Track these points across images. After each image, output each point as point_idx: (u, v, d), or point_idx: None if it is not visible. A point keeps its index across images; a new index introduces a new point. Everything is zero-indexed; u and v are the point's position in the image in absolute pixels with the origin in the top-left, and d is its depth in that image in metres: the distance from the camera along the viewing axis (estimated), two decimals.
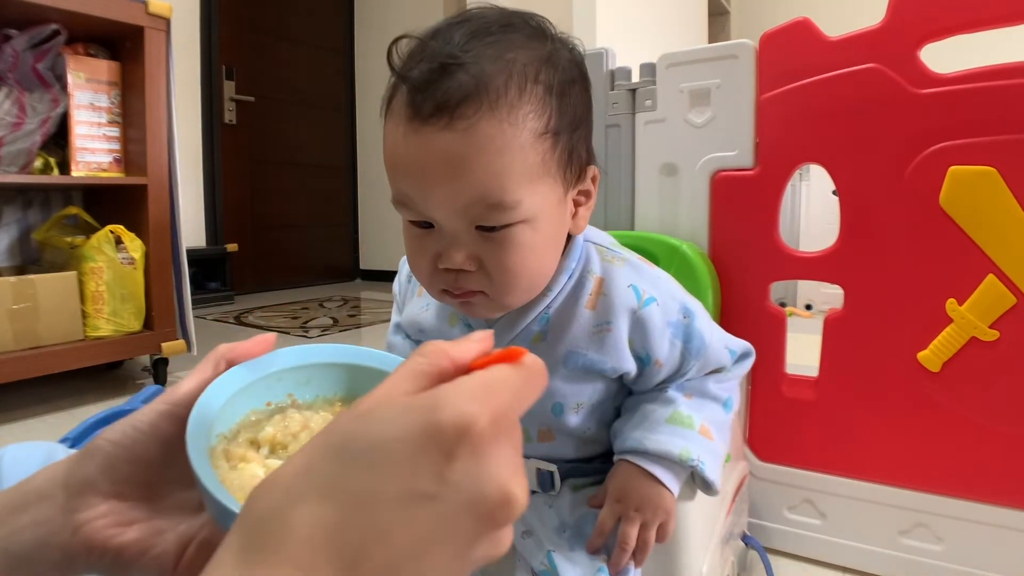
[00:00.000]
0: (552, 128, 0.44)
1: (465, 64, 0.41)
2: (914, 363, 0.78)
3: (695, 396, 0.56)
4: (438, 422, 0.20)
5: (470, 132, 0.41)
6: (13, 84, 1.47)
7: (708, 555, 0.61)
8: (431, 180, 0.42)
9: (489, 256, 0.45)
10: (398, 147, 0.44)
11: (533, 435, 0.58)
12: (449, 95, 0.41)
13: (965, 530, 0.77)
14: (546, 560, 0.52)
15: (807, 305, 2.34)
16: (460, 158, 0.41)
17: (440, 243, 0.45)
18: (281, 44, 3.60)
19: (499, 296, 0.47)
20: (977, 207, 0.73)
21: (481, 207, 0.43)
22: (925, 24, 0.74)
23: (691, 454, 0.52)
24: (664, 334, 0.53)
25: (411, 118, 0.42)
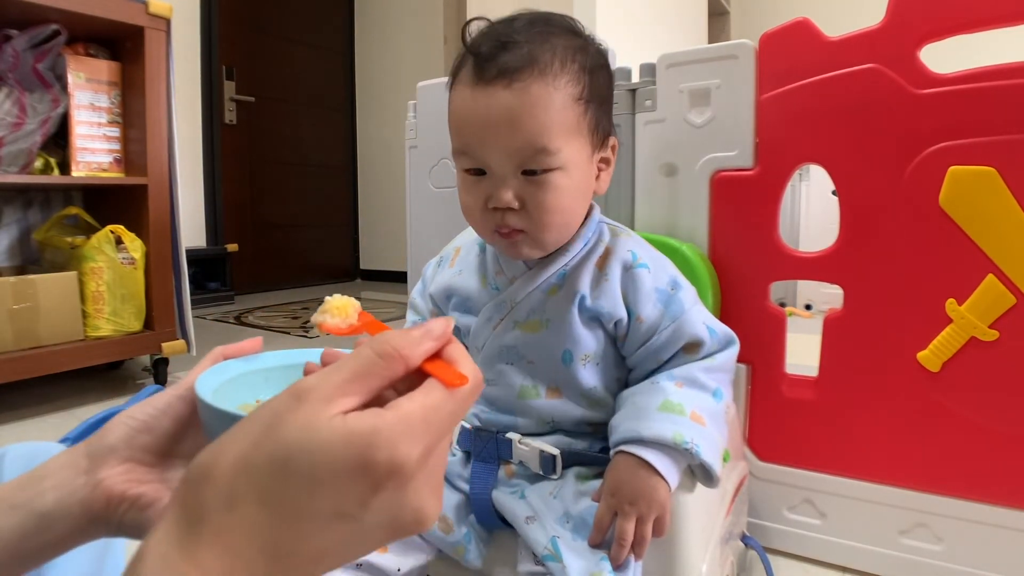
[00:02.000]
0: (585, 97, 0.56)
1: (520, 43, 0.53)
2: (914, 363, 0.78)
3: (685, 385, 0.58)
4: (373, 460, 0.23)
5: (524, 92, 0.53)
6: (13, 84, 1.47)
7: (708, 555, 0.61)
8: (492, 129, 0.53)
9: (531, 196, 0.55)
10: (466, 104, 0.55)
11: (542, 392, 0.61)
12: (508, 64, 0.53)
13: (965, 530, 0.77)
14: (550, 545, 0.54)
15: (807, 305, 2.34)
16: (516, 110, 0.52)
17: (491, 186, 0.55)
18: (281, 44, 3.60)
19: (538, 233, 0.56)
20: (977, 207, 0.73)
21: (529, 151, 0.53)
22: (925, 24, 0.74)
23: (684, 437, 0.53)
24: (651, 296, 0.60)
25: (477, 81, 0.54)
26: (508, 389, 0.62)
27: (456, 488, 0.63)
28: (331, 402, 0.24)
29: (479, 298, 0.64)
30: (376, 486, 0.23)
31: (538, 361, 0.61)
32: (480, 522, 0.62)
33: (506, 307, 0.62)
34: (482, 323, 0.63)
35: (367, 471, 0.23)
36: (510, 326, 0.62)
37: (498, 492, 0.61)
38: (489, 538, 0.63)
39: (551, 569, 0.53)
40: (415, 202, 1.18)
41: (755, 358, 0.87)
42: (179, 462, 0.36)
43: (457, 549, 0.61)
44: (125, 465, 0.34)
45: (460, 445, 0.64)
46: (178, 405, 0.36)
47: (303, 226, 3.80)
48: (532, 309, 0.61)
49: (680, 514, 0.58)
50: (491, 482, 0.61)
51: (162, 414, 0.35)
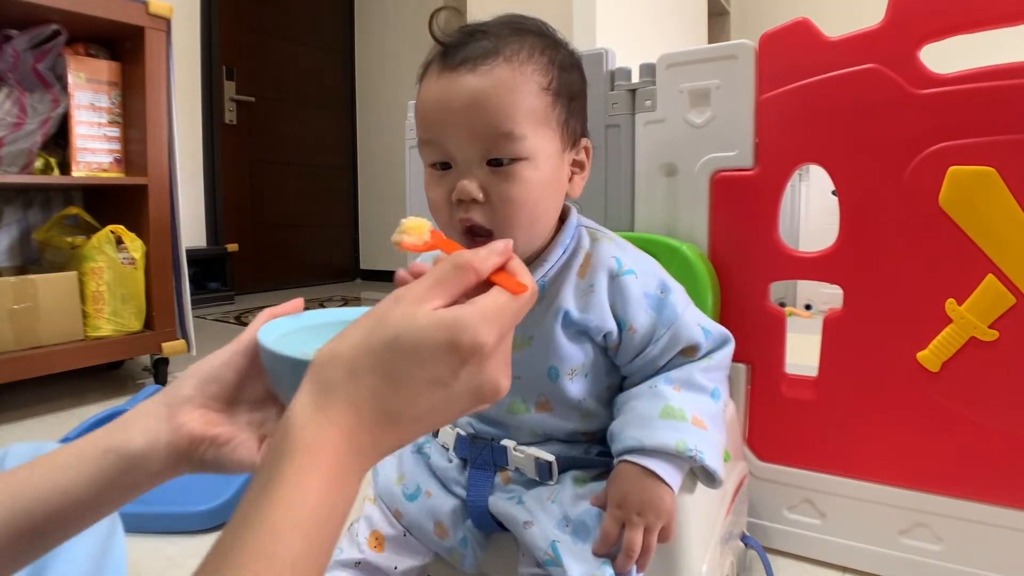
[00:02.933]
0: (553, 89, 0.54)
1: (489, 35, 0.53)
2: (914, 363, 0.78)
3: (684, 388, 0.57)
4: (459, 340, 0.30)
5: (489, 75, 0.51)
6: (13, 84, 1.47)
7: (708, 555, 0.61)
8: (455, 114, 0.51)
9: (496, 188, 0.51)
10: (430, 92, 0.53)
11: (531, 406, 0.59)
12: (474, 52, 0.51)
13: (965, 530, 0.77)
14: (550, 550, 0.53)
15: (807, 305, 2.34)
16: (481, 93, 0.50)
17: (455, 179, 0.52)
18: (281, 44, 3.60)
19: (505, 231, 0.52)
20: (977, 207, 0.73)
21: (494, 135, 0.51)
22: (925, 24, 0.74)
23: (688, 445, 0.52)
24: (641, 303, 0.57)
25: (442, 69, 0.52)
26: (497, 404, 0.60)
27: (453, 494, 0.63)
28: (422, 301, 0.31)
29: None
30: (463, 361, 0.30)
31: (524, 377, 0.58)
32: (477, 527, 0.62)
33: None
34: None
35: (456, 349, 0.30)
36: None
37: (495, 498, 0.60)
38: (487, 542, 0.62)
39: (553, 574, 0.53)
40: (415, 203, 1.18)
41: (755, 358, 0.87)
42: (242, 407, 0.42)
43: (453, 554, 0.60)
44: (199, 411, 0.39)
45: (456, 452, 0.63)
46: (237, 359, 0.41)
47: (303, 226, 3.80)
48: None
49: (680, 514, 0.58)
50: (487, 489, 0.61)
51: (225, 366, 0.41)
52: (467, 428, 0.64)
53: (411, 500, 0.62)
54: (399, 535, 0.62)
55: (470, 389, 0.31)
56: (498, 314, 0.32)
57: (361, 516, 0.64)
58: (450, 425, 0.64)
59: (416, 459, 0.65)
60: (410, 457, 0.66)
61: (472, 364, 0.31)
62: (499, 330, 0.32)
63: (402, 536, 0.62)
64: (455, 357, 0.30)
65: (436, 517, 0.61)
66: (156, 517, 0.96)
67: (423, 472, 0.64)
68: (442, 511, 0.61)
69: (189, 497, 0.97)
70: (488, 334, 0.31)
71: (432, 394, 0.30)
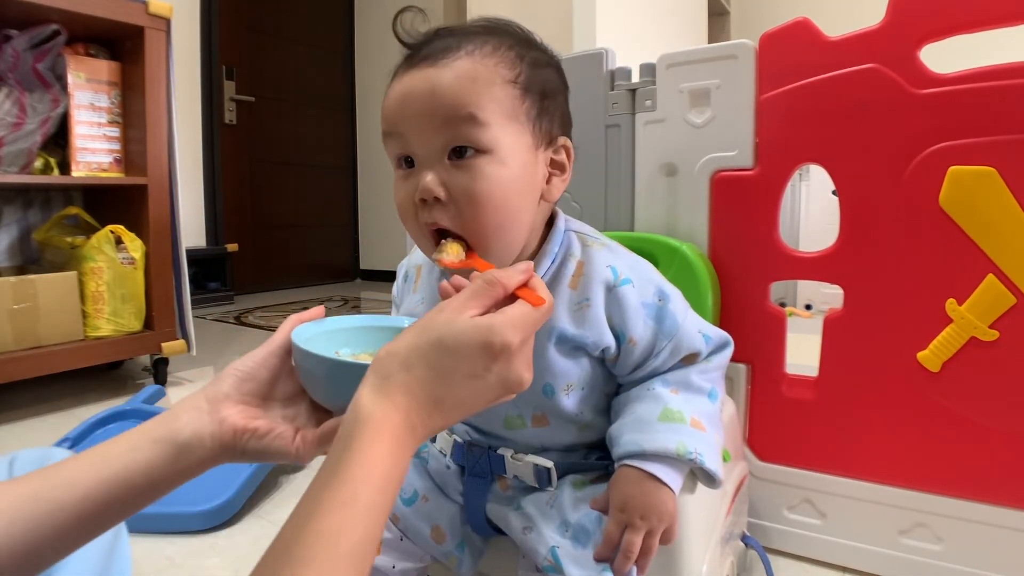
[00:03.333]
0: (522, 83, 0.51)
1: (455, 33, 0.52)
2: (914, 363, 0.78)
3: (681, 390, 0.56)
4: (491, 341, 0.37)
5: (449, 66, 0.49)
6: (13, 84, 1.47)
7: (708, 555, 0.61)
8: (414, 103, 0.49)
9: (456, 184, 0.49)
10: (392, 89, 0.52)
11: (528, 421, 0.58)
12: (437, 48, 0.50)
13: (965, 530, 0.77)
14: (550, 556, 0.53)
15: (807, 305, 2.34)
16: (439, 82, 0.49)
17: (419, 177, 0.49)
18: (281, 44, 3.60)
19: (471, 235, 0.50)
20: (977, 207, 0.73)
21: (453, 120, 0.48)
22: (925, 24, 0.74)
23: (687, 448, 0.52)
24: (639, 313, 0.55)
25: (405, 67, 0.51)
26: (493, 418, 0.59)
27: (451, 499, 0.63)
28: (462, 310, 0.39)
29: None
30: (494, 358, 0.38)
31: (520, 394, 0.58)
32: (476, 532, 0.61)
33: None
34: None
35: (489, 348, 0.37)
36: None
37: (492, 505, 0.60)
38: (484, 547, 0.62)
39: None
40: None
41: (755, 358, 0.87)
42: (276, 404, 0.47)
43: (450, 559, 0.60)
44: (239, 407, 0.44)
45: (454, 459, 0.63)
46: (271, 359, 0.46)
47: (303, 226, 3.80)
48: None
49: (680, 515, 0.58)
50: (485, 496, 0.60)
51: (260, 367, 0.46)
52: (464, 436, 0.63)
53: (408, 504, 0.62)
54: (395, 539, 0.62)
55: (500, 381, 0.38)
56: (523, 321, 0.39)
57: None
58: (447, 432, 0.64)
59: (414, 464, 0.65)
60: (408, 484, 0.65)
61: (502, 361, 0.38)
62: (523, 334, 0.39)
63: (399, 540, 0.62)
64: (488, 355, 0.37)
65: (433, 521, 0.61)
66: (156, 517, 0.96)
67: (421, 477, 0.64)
68: (439, 516, 0.61)
69: (189, 497, 0.97)
70: (514, 336, 0.38)
71: (470, 385, 0.38)
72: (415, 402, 0.36)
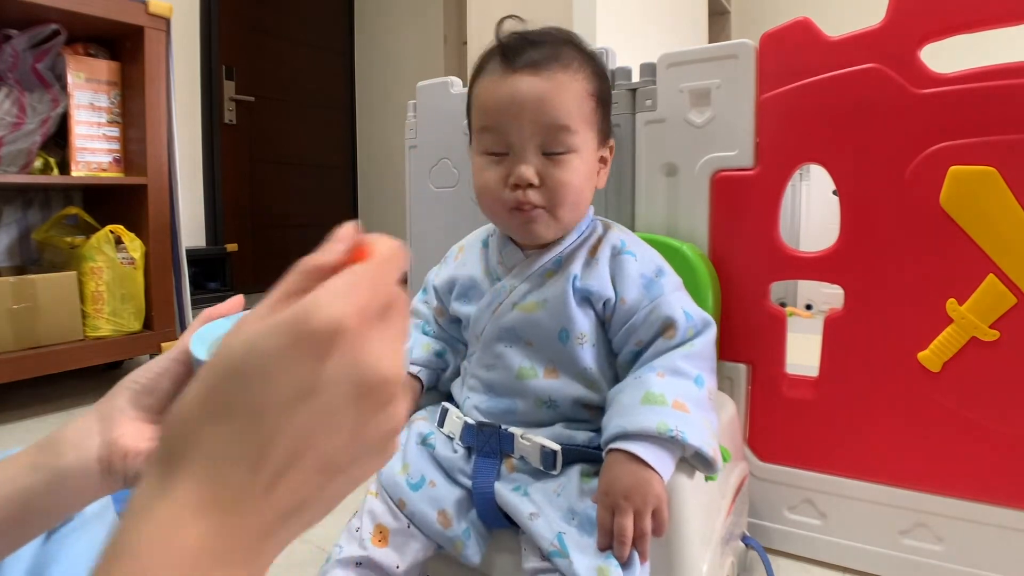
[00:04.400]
0: (595, 95, 0.64)
1: (545, 43, 0.63)
2: (914, 363, 0.78)
3: (667, 375, 0.59)
4: (308, 330, 0.23)
5: (551, 78, 0.61)
6: (13, 84, 1.47)
7: (708, 555, 0.61)
8: (522, 109, 0.60)
9: (550, 174, 0.61)
10: (496, 87, 0.62)
11: (540, 372, 0.64)
12: (535, 57, 0.61)
13: (965, 530, 0.77)
14: (556, 542, 0.54)
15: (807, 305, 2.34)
16: (544, 92, 0.60)
17: (512, 165, 0.62)
18: (281, 44, 3.60)
19: (554, 208, 0.62)
20: (977, 207, 0.73)
21: (553, 129, 0.61)
22: (925, 24, 0.74)
23: (668, 426, 0.54)
24: (636, 281, 0.64)
25: (506, 71, 0.62)
26: (507, 371, 0.65)
27: (457, 483, 0.64)
28: (264, 316, 0.25)
29: (480, 286, 0.69)
30: (322, 353, 0.23)
31: (536, 342, 0.64)
32: (481, 518, 0.62)
33: (505, 291, 0.66)
34: (483, 308, 0.68)
35: (306, 341, 0.23)
36: (509, 308, 0.66)
37: (500, 486, 0.61)
38: (489, 536, 0.63)
39: (558, 565, 0.53)
40: (415, 202, 1.18)
41: (755, 358, 0.87)
42: None
43: (456, 544, 0.61)
44: (134, 424, 0.37)
45: (462, 440, 0.65)
46: (175, 367, 0.39)
47: (303, 226, 3.80)
48: (530, 291, 0.65)
49: (680, 515, 0.58)
50: (493, 476, 0.62)
51: (161, 377, 0.39)
52: (474, 415, 0.66)
53: (415, 489, 0.63)
54: (403, 527, 0.63)
55: (347, 389, 0.24)
56: (351, 286, 0.25)
57: (363, 511, 0.64)
58: (456, 415, 0.67)
59: (420, 450, 0.67)
60: (414, 448, 0.67)
61: (336, 355, 0.23)
62: (358, 301, 0.24)
63: (406, 528, 0.63)
64: (309, 351, 0.23)
65: (440, 506, 0.62)
66: None
67: (427, 463, 0.65)
68: (446, 500, 0.62)
69: None
70: (343, 308, 0.24)
71: (298, 415, 0.23)
72: (217, 485, 0.22)
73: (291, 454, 0.23)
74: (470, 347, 0.71)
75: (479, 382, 0.68)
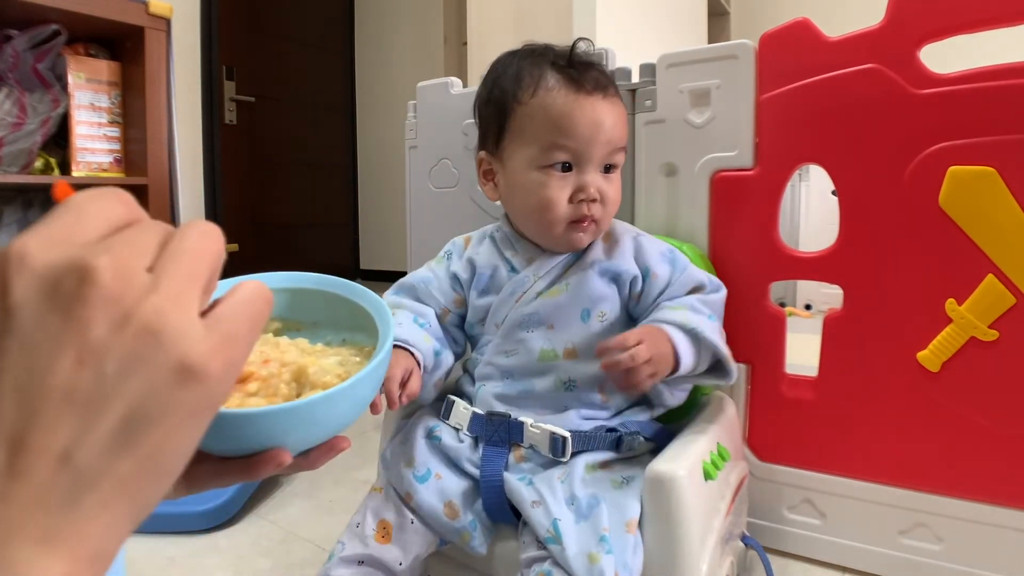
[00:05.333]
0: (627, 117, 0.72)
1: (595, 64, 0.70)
2: (914, 363, 0.78)
3: (686, 308, 0.67)
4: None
5: (614, 102, 0.69)
6: (13, 84, 1.47)
7: (707, 555, 0.61)
8: (598, 130, 0.66)
9: (607, 189, 0.68)
10: (572, 106, 0.66)
11: (560, 354, 0.68)
12: (599, 81, 0.68)
13: (965, 530, 0.77)
14: (552, 527, 0.56)
15: (807, 305, 2.34)
16: (614, 116, 0.68)
17: (578, 181, 0.67)
18: (281, 44, 3.60)
19: (604, 220, 0.69)
20: (977, 207, 0.73)
21: (616, 150, 0.68)
22: (925, 24, 0.74)
23: (690, 323, 0.64)
24: (658, 258, 0.71)
25: (577, 91, 0.66)
26: (528, 355, 0.69)
27: (464, 473, 0.65)
28: None
29: (498, 277, 0.72)
30: (3, 284, 0.19)
31: (557, 324, 0.68)
32: (487, 509, 0.63)
33: (529, 281, 0.70)
34: (505, 297, 0.71)
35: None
36: (533, 297, 0.69)
37: (508, 476, 0.62)
38: (493, 529, 0.64)
39: (552, 551, 0.55)
40: (415, 202, 1.18)
41: (755, 358, 0.87)
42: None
43: (463, 535, 0.62)
44: None
45: (470, 430, 0.67)
46: None
47: (303, 226, 3.79)
48: (554, 280, 0.70)
49: (680, 514, 0.58)
50: (501, 465, 0.63)
51: None
52: (488, 405, 0.67)
53: (422, 482, 0.64)
54: (406, 522, 0.63)
55: (39, 308, 0.19)
56: (52, 218, 0.21)
57: (366, 508, 0.64)
58: (464, 405, 0.68)
59: (426, 444, 0.67)
60: (420, 442, 0.67)
61: (14, 275, 0.19)
62: (61, 240, 0.20)
63: (409, 523, 0.63)
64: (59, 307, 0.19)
65: (446, 497, 0.63)
66: (156, 517, 0.96)
67: (433, 456, 0.66)
68: (453, 492, 0.63)
69: (189, 497, 0.97)
70: (25, 237, 0.20)
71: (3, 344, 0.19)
72: None
73: (16, 395, 0.19)
74: (486, 336, 0.72)
75: (496, 369, 0.70)
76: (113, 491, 0.19)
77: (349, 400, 0.32)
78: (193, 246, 0.22)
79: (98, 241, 0.20)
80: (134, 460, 0.20)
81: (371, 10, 3.93)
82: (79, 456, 0.19)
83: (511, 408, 0.67)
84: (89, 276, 0.19)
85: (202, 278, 0.22)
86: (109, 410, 0.19)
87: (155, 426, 0.20)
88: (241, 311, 0.23)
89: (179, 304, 0.20)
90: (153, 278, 0.20)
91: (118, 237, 0.21)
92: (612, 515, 0.56)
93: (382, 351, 0.34)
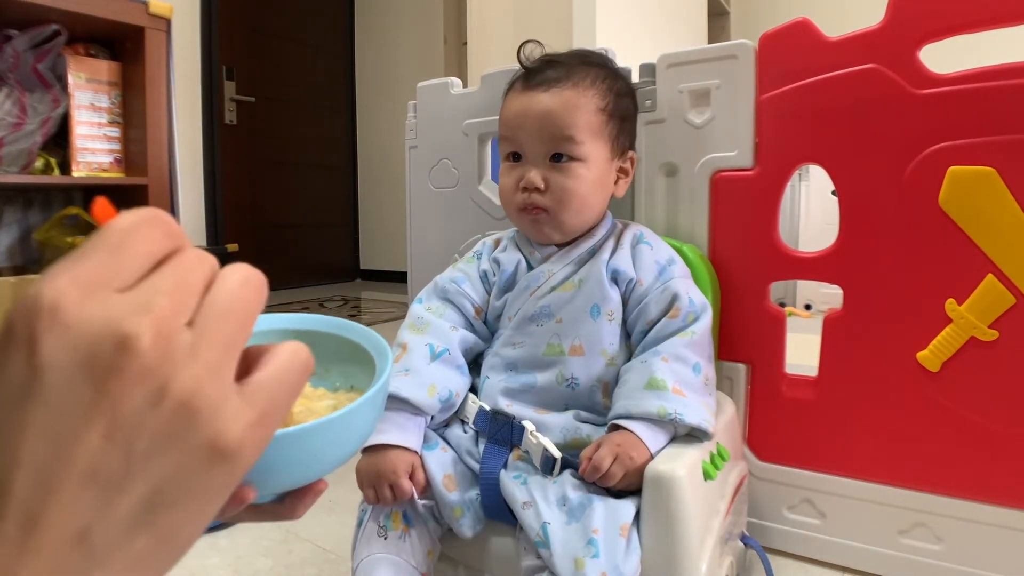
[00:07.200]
0: (608, 110, 0.72)
1: (563, 64, 0.72)
2: (914, 363, 0.78)
3: (671, 360, 0.65)
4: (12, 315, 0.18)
5: (558, 94, 0.69)
6: (14, 84, 1.47)
7: (707, 555, 0.61)
8: (531, 119, 0.69)
9: (555, 180, 0.69)
10: (515, 102, 0.72)
11: (566, 349, 0.69)
12: (550, 76, 0.70)
13: (965, 530, 0.77)
14: (541, 532, 0.56)
15: (807, 305, 2.34)
16: (552, 107, 0.69)
17: (523, 170, 0.70)
18: (281, 44, 3.60)
19: (557, 212, 0.70)
20: (977, 207, 0.73)
21: (557, 139, 0.69)
22: (925, 24, 0.74)
23: (667, 410, 0.62)
24: (650, 267, 0.72)
25: (524, 88, 0.71)
26: (534, 348, 0.70)
27: (464, 463, 0.66)
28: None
29: (516, 273, 0.75)
30: (30, 339, 0.18)
31: (567, 319, 0.69)
32: (485, 507, 0.64)
33: (544, 276, 0.72)
34: (519, 291, 0.73)
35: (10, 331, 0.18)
36: (547, 291, 0.71)
37: (505, 473, 0.63)
38: (485, 522, 0.65)
39: (542, 556, 0.56)
40: (415, 202, 1.18)
41: (755, 358, 0.87)
42: None
43: (455, 511, 0.63)
44: None
45: (475, 425, 0.68)
46: None
47: (303, 226, 3.80)
48: (568, 275, 0.72)
49: (679, 515, 0.58)
50: (501, 462, 0.65)
51: None
52: (494, 401, 0.69)
53: (429, 450, 0.65)
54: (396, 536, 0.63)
55: (72, 371, 0.18)
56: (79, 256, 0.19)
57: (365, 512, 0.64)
58: (472, 399, 0.69)
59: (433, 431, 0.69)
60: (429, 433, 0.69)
61: (47, 332, 0.18)
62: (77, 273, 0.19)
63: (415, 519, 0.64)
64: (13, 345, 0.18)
65: (446, 470, 0.64)
66: None
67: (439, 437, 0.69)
68: (454, 467, 0.65)
69: None
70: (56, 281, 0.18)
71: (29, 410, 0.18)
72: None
73: (36, 467, 0.18)
74: (500, 330, 0.74)
75: (501, 360, 0.71)
76: (125, 569, 0.19)
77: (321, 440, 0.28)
78: (235, 300, 0.21)
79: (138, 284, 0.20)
80: (151, 538, 0.19)
81: (371, 10, 3.93)
82: (95, 536, 0.18)
83: (513, 402, 0.68)
84: (128, 345, 0.18)
85: (241, 343, 0.21)
86: (133, 490, 0.18)
87: (178, 507, 0.19)
88: (282, 381, 0.22)
89: (218, 375, 0.19)
90: (193, 341, 0.19)
91: (160, 284, 0.20)
92: (605, 517, 0.56)
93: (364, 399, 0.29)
